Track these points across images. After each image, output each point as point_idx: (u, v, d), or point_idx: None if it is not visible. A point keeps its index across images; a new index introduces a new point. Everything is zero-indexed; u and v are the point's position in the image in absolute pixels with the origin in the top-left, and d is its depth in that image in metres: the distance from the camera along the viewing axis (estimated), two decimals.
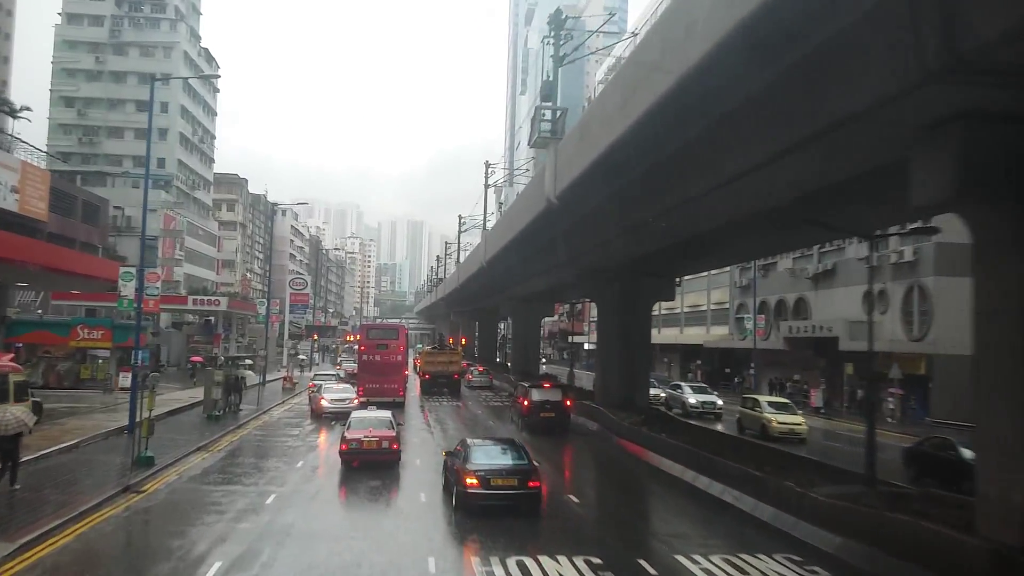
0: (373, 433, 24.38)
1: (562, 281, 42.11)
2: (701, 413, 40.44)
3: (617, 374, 35.95)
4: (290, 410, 44.17)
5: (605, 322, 36.56)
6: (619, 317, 35.93)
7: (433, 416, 41.35)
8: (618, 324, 35.93)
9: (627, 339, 35.78)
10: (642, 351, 36.69)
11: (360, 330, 48.52)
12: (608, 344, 36.38)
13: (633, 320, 35.87)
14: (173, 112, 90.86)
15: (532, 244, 37.22)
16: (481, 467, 19.26)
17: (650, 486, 24.45)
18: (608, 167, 22.89)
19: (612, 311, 36.21)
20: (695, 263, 37.92)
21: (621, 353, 35.82)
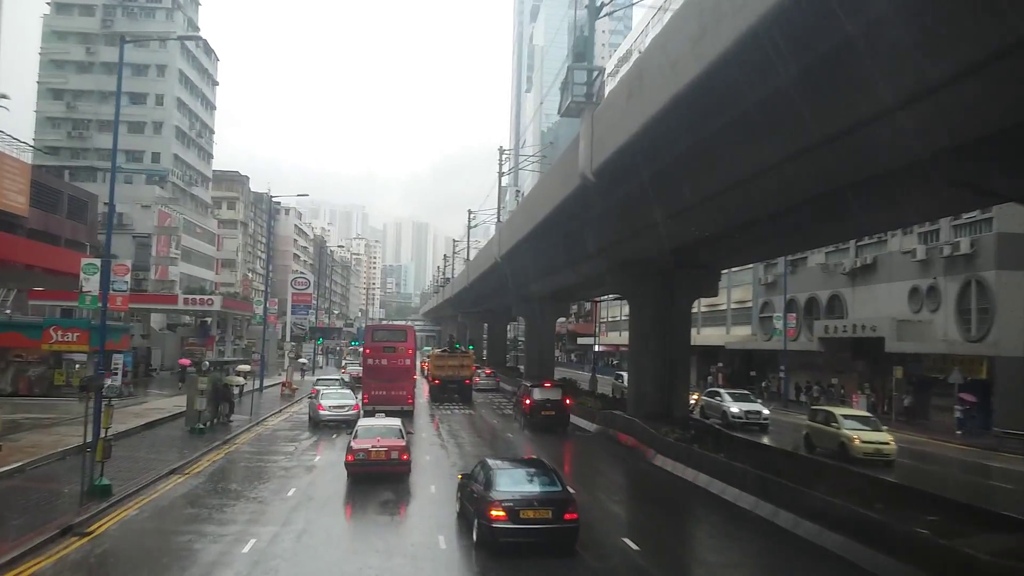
0: (381, 443, 22.25)
1: (588, 276, 37.55)
2: (745, 424, 35.51)
3: (653, 381, 31.43)
4: (287, 420, 39.71)
5: (640, 322, 32.05)
6: (656, 316, 31.43)
7: (445, 427, 36.86)
8: (654, 324, 31.42)
9: (664, 341, 31.26)
10: (681, 355, 32.15)
11: (365, 331, 44.12)
12: (642, 347, 31.86)
13: (671, 319, 31.39)
14: (168, 104, 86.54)
15: (556, 234, 32.76)
16: (508, 496, 15.85)
17: (714, 521, 19.88)
18: (664, 131, 18.48)
19: (647, 309, 31.70)
20: (746, 253, 33.07)
21: (657, 357, 31.30)
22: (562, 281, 42.92)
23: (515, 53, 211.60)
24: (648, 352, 31.54)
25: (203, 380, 32.24)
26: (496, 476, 16.57)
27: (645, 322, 31.68)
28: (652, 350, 31.43)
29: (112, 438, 28.59)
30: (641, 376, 31.87)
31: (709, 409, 38.73)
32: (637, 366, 32.27)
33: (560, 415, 35.87)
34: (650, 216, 24.90)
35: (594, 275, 37.25)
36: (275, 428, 36.30)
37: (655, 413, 30.78)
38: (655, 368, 31.26)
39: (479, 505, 16.19)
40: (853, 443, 26.86)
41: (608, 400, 37.75)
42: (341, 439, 31.74)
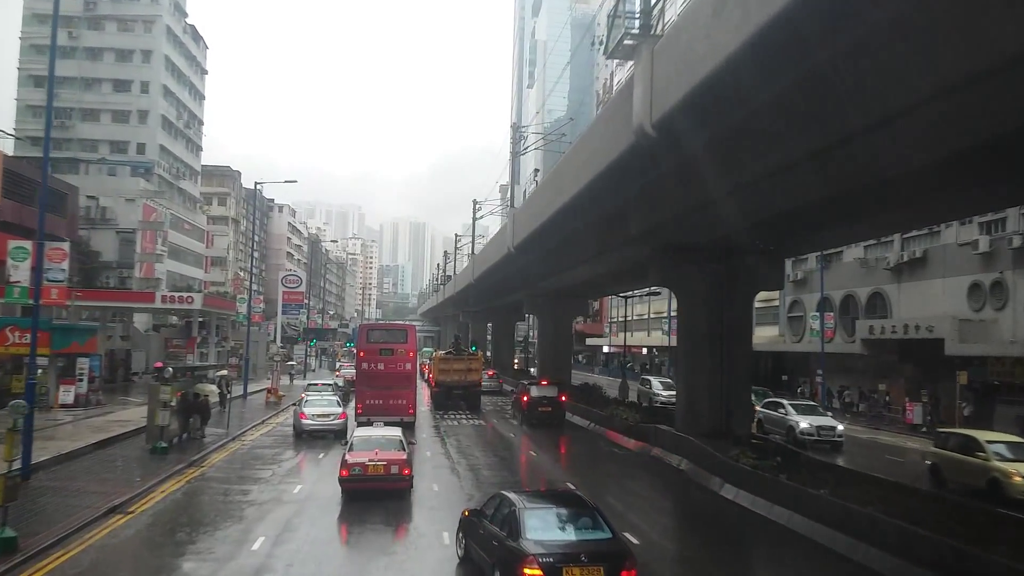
0: (380, 456, 19.76)
1: (621, 267, 32.02)
2: (816, 442, 29.31)
3: (708, 391, 25.92)
4: (270, 434, 34.12)
5: (691, 320, 26.49)
6: (711, 312, 25.97)
7: (453, 442, 31.30)
8: (710, 322, 25.96)
9: (722, 343, 25.81)
10: (742, 360, 26.58)
11: (359, 332, 38.58)
12: (695, 350, 26.32)
13: (730, 316, 25.92)
14: (154, 92, 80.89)
15: (589, 214, 27.22)
16: (544, 547, 11.65)
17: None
18: (768, 54, 13.06)
19: (701, 304, 26.23)
20: (828, 234, 26.53)
21: (714, 363, 25.83)
22: (586, 274, 37.22)
23: (516, 49, 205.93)
24: (702, 357, 26.02)
25: (166, 390, 26.65)
26: (523, 518, 12.26)
27: (698, 320, 26.16)
28: (707, 354, 25.92)
29: (50, 462, 23.29)
30: (694, 386, 26.29)
31: (769, 423, 32.47)
32: (688, 374, 26.65)
33: (556, 411, 36.95)
34: (721, 183, 19.41)
35: (627, 267, 31.79)
36: (254, 444, 30.74)
37: (712, 430, 25.30)
38: (711, 376, 25.75)
39: (502, 558, 12.13)
40: (1012, 480, 19.74)
41: (646, 411, 32.07)
42: (329, 458, 26.51)
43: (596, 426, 34.42)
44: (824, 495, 17.01)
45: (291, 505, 19.62)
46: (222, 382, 37.18)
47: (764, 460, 20.46)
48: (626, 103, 19.41)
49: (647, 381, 44.94)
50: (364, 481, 19.45)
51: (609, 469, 26.05)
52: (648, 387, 43.71)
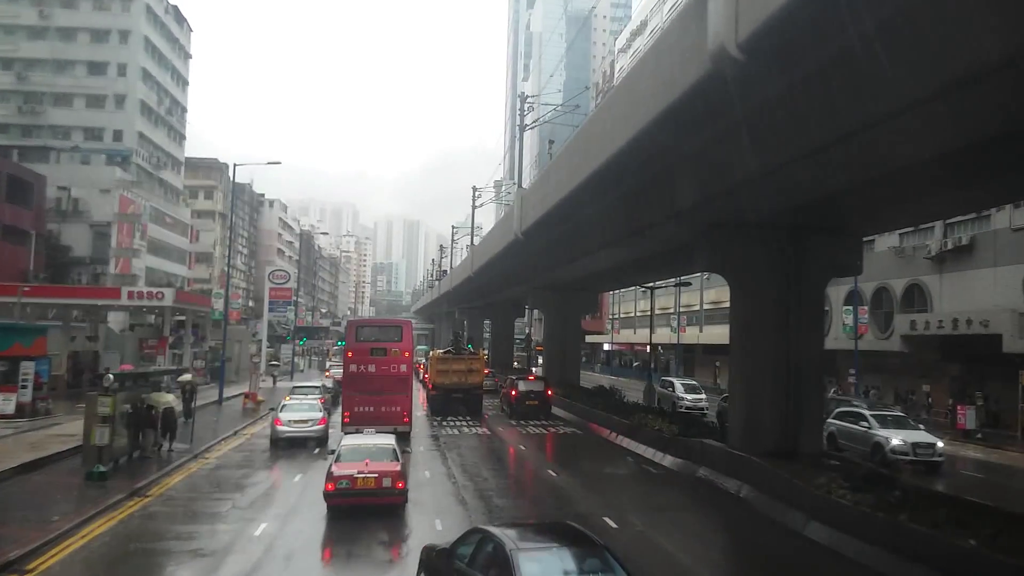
0: (371, 467, 17.47)
1: (659, 248, 26.84)
2: (913, 462, 23.40)
3: (771, 398, 20.92)
4: (241, 447, 29.02)
5: (749, 312, 21.43)
6: (776, 303, 21.01)
7: (455, 458, 26.25)
8: (775, 315, 20.97)
9: (788, 341, 20.82)
10: (811, 362, 21.49)
11: (347, 329, 33.46)
12: (754, 349, 21.28)
13: (798, 308, 20.97)
14: (132, 75, 75.32)
15: (622, 185, 22.17)
16: None
17: None
18: None
19: (762, 293, 21.23)
20: (915, 206, 20.80)
21: (778, 363, 20.82)
22: (606, 261, 31.99)
23: (510, 43, 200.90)
24: (763, 358, 21.01)
25: (105, 402, 21.50)
26: (518, 563, 9.03)
27: (759, 313, 21.15)
28: (770, 355, 20.92)
29: None
30: (753, 393, 21.23)
31: (845, 438, 26.23)
32: (746, 378, 21.54)
33: (543, 404, 38.57)
34: (820, 132, 14.41)
35: (663, 250, 26.72)
36: (221, 462, 25.62)
37: (776, 447, 20.32)
38: (775, 381, 20.77)
39: None
40: None
41: (682, 421, 26.89)
42: (307, 479, 21.97)
43: (620, 437, 29.43)
44: (981, 549, 12.05)
45: (244, 558, 14.56)
46: (185, 389, 32.03)
47: (864, 491, 15.48)
48: (693, 24, 14.38)
49: (669, 383, 39.83)
50: (352, 496, 17.05)
51: (650, 495, 21.02)
52: (670, 390, 38.64)
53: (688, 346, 70.29)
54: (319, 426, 28.29)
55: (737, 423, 21.77)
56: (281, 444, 27.91)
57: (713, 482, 20.99)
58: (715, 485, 20.77)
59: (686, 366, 71.69)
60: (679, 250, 25.73)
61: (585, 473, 23.90)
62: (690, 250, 22.85)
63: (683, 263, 29.50)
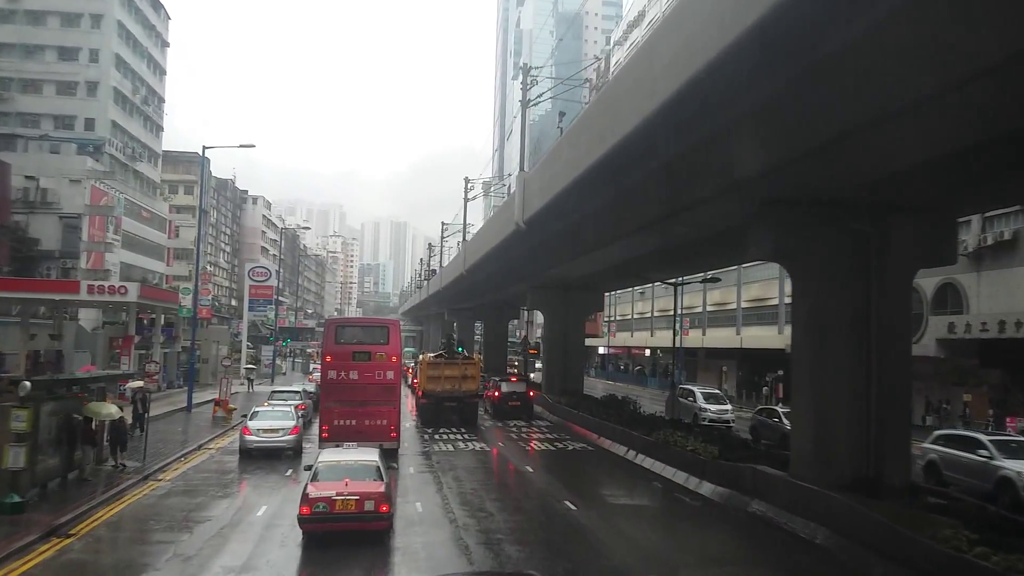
0: (351, 487, 15.06)
1: (698, 234, 22.52)
2: None
3: (847, 415, 16.77)
4: (203, 466, 24.67)
5: (819, 309, 17.09)
6: (853, 297, 16.92)
7: (451, 482, 22.03)
8: (852, 312, 16.86)
9: (867, 345, 16.72)
10: (898, 368, 17.29)
11: (325, 329, 29.08)
12: (826, 354, 17.05)
13: (881, 304, 16.87)
14: (105, 62, 70.71)
15: (657, 155, 17.96)
16: None
17: None
18: None
19: (836, 285, 17.08)
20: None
21: (856, 372, 16.71)
22: (625, 252, 27.48)
23: (499, 41, 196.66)
24: (837, 365, 16.87)
25: (20, 416, 17.15)
26: None
27: (833, 310, 16.98)
28: (845, 361, 16.80)
29: None
30: (824, 410, 17.01)
31: (952, 469, 20.45)
32: (814, 392, 17.27)
33: (525, 405, 38.78)
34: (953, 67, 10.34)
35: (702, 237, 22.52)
36: (174, 486, 21.31)
37: (853, 478, 16.21)
38: (852, 394, 16.66)
39: None
40: None
41: (724, 440, 22.55)
42: (273, 510, 18.07)
43: (641, 456, 25.24)
44: None
45: None
46: (136, 397, 27.67)
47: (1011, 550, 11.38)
48: None
49: (688, 392, 35.51)
50: (330, 521, 14.95)
51: (698, 539, 16.87)
52: (690, 400, 34.40)
53: (690, 350, 66.22)
54: (291, 436, 25.87)
55: (803, 447, 17.57)
56: (251, 455, 25.31)
57: (773, 521, 16.83)
58: (777, 525, 16.60)
59: (689, 371, 67.61)
60: (718, 237, 21.63)
61: (609, 505, 19.75)
62: (736, 235, 18.70)
63: (722, 252, 25.42)
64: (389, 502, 15.65)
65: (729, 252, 25.36)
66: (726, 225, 20.05)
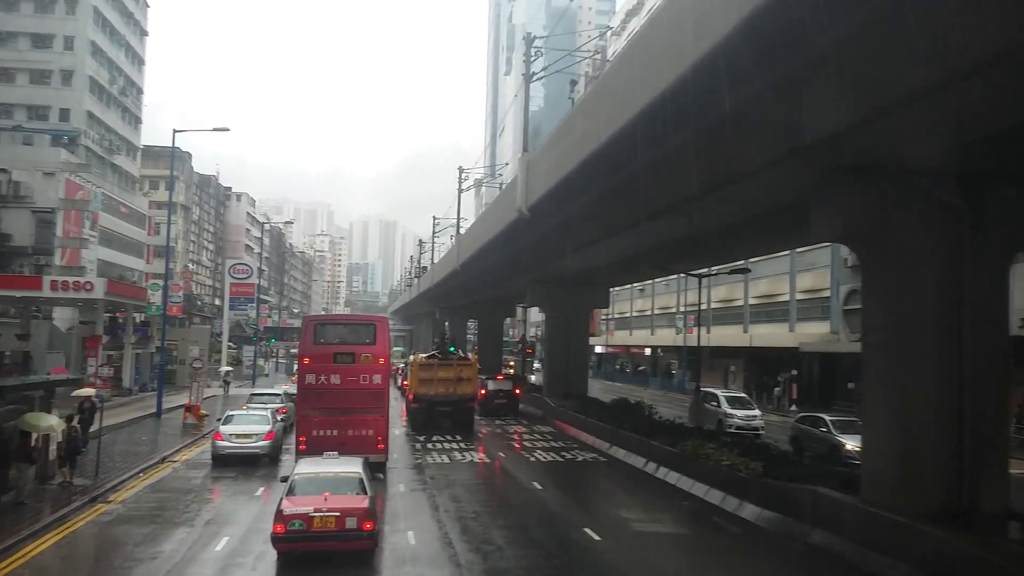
0: (331, 503, 13.61)
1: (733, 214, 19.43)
2: None
3: (936, 434, 13.73)
4: (164, 484, 21.51)
5: (897, 302, 14.04)
6: (942, 285, 13.95)
7: (450, 505, 18.92)
8: (936, 305, 13.91)
9: (961, 345, 13.75)
10: (993, 377, 14.20)
11: (303, 328, 25.79)
12: (910, 352, 14.00)
13: (975, 294, 13.91)
14: (80, 49, 67.37)
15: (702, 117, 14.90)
16: None
17: None
18: None
19: (922, 270, 14.08)
20: None
21: (944, 383, 13.74)
22: (649, 239, 24.40)
23: (491, 37, 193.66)
24: (921, 371, 13.88)
25: None
26: None
27: (911, 303, 13.97)
28: (930, 367, 13.82)
29: None
30: (907, 423, 13.99)
31: None
32: (895, 399, 14.20)
33: (511, 403, 39.32)
34: None
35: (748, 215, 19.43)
36: (127, 510, 18.15)
37: (944, 505, 13.25)
38: (939, 404, 13.68)
39: None
40: None
41: (765, 455, 19.39)
42: (241, 545, 14.86)
43: (663, 470, 22.19)
44: None
45: None
46: (83, 407, 24.44)
47: None
48: None
49: (711, 396, 32.35)
50: (307, 540, 13.55)
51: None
52: (714, 405, 31.29)
53: (693, 348, 63.25)
54: (265, 441, 24.31)
55: (880, 467, 14.50)
56: (224, 463, 23.77)
57: (843, 557, 13.81)
58: (849, 563, 13.58)
59: (693, 371, 64.65)
60: (763, 218, 18.65)
61: (637, 534, 16.68)
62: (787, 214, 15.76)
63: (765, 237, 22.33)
64: (374, 518, 14.05)
65: (775, 236, 22.37)
66: (775, 203, 17.05)
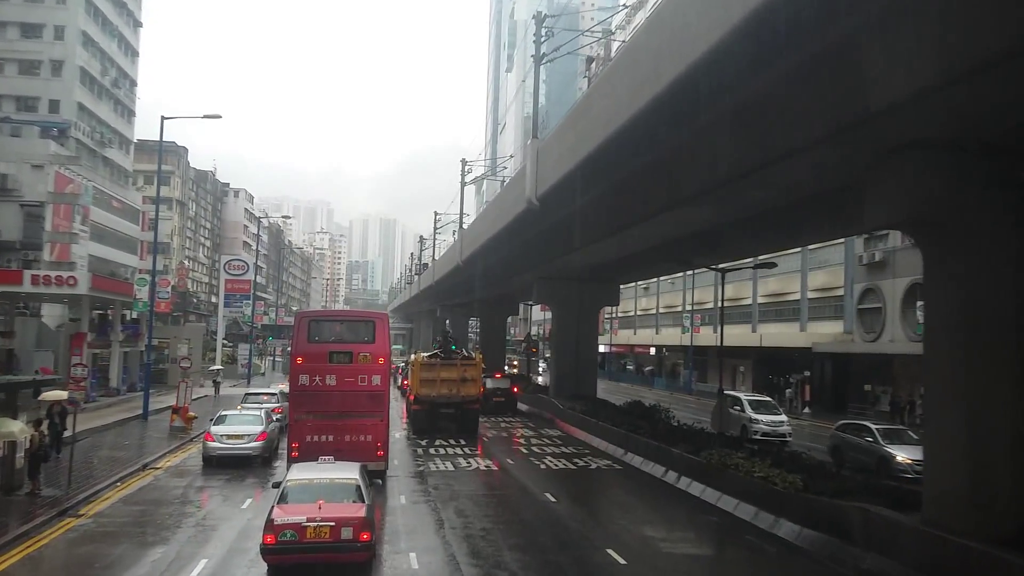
0: (325, 511, 12.61)
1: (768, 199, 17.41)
2: None
3: (1010, 441, 11.99)
4: (143, 494, 19.69)
5: (969, 296, 12.19)
6: (1012, 279, 12.16)
7: (456, 520, 17.10)
8: (1012, 298, 12.12)
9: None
10: None
11: (296, 324, 23.80)
12: (976, 358, 12.24)
13: None
14: (71, 39, 65.45)
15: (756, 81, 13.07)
16: None
17: None
18: None
19: (990, 262, 12.32)
20: None
21: (1021, 381, 11.94)
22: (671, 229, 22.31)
23: (492, 33, 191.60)
24: (996, 372, 12.09)
25: None
26: None
27: (984, 295, 12.09)
28: (1006, 368, 12.04)
29: None
30: (980, 433, 12.05)
31: None
32: (965, 406, 12.14)
33: (509, 401, 39.51)
34: None
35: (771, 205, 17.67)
36: (97, 525, 16.36)
37: (1018, 525, 11.46)
38: (1018, 410, 11.89)
39: None
40: None
41: (802, 466, 17.46)
42: (221, 566, 12.75)
43: (685, 480, 20.41)
44: None
45: None
46: (52, 411, 22.70)
47: None
48: None
49: (734, 400, 30.38)
50: (300, 552, 12.44)
51: None
52: (737, 409, 29.39)
53: (700, 348, 61.59)
54: (257, 442, 23.67)
55: (945, 484, 12.65)
56: (213, 465, 23.17)
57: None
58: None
59: (699, 371, 62.99)
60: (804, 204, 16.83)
61: (666, 556, 14.87)
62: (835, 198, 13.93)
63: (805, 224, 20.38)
64: (371, 528, 12.96)
65: (813, 224, 20.44)
66: (819, 187, 15.24)
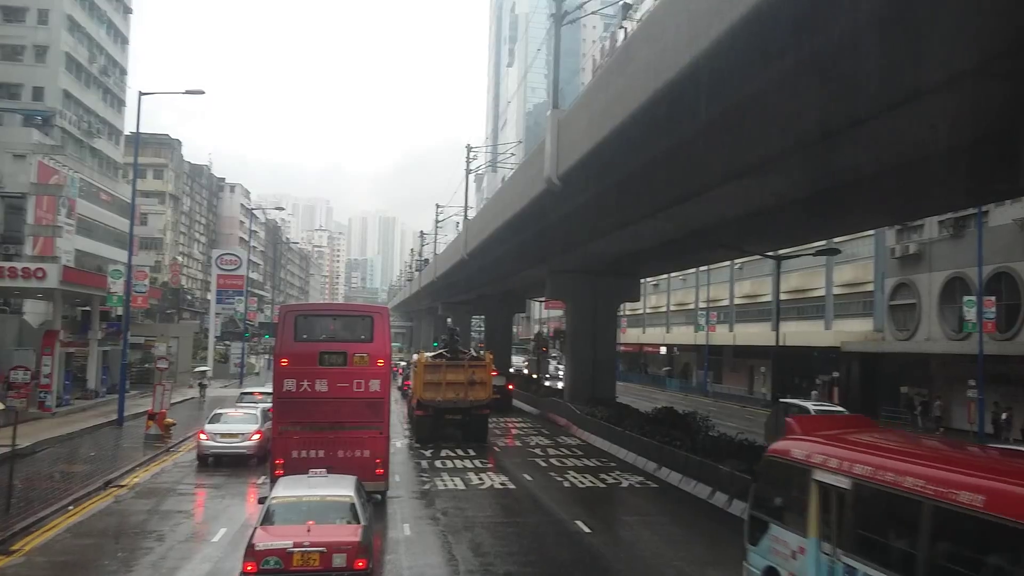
0: (315, 534, 11.10)
1: (841, 172, 14.22)
2: None
3: None
4: (94, 522, 16.38)
5: None
6: None
7: (470, 557, 13.94)
8: None
9: None
10: None
11: (281, 319, 20.48)
12: None
13: None
14: (56, 23, 62.07)
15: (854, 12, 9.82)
16: None
17: None
18: None
19: None
20: None
21: None
22: (731, 204, 18.91)
23: (493, 29, 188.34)
24: None
25: None
26: None
27: None
28: None
29: None
30: None
31: None
32: None
33: (505, 398, 39.63)
34: None
35: (864, 172, 14.47)
36: (32, 568, 13.12)
37: None
38: None
39: None
40: None
41: None
42: None
43: (735, 501, 17.15)
44: None
45: None
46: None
47: None
48: None
49: (793, 407, 26.17)
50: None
51: None
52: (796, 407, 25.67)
53: (715, 347, 58.43)
54: (253, 440, 23.12)
55: None
56: (208, 463, 22.99)
57: None
58: None
59: (714, 371, 59.81)
60: (901, 171, 13.54)
61: None
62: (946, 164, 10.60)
63: (901, 196, 17.14)
64: (368, 555, 11.24)
65: (914, 196, 17.09)
66: (925, 151, 11.90)
